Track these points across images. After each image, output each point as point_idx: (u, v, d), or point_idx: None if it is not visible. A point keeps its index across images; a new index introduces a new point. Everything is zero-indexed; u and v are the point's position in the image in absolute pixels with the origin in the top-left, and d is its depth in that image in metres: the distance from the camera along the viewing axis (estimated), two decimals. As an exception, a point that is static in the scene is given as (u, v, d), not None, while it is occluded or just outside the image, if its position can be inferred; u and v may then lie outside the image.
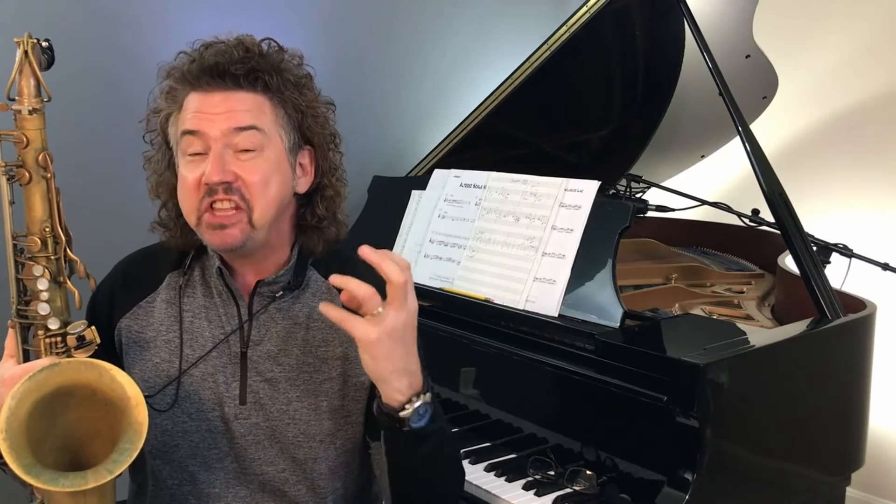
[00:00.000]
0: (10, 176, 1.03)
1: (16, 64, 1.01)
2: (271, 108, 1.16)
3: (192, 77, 1.14)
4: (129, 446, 0.96)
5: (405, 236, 2.07)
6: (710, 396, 1.42)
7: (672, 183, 2.82)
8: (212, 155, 1.11)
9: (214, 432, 1.20)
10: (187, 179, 1.13)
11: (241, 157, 1.13)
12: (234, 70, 1.13)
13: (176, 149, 1.17)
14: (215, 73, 1.13)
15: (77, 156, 1.28)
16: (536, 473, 1.60)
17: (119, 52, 2.29)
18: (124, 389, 0.99)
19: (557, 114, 2.53)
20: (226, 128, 1.12)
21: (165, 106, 1.17)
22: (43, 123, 1.04)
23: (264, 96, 1.15)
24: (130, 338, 1.24)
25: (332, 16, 2.79)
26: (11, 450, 0.93)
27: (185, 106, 1.15)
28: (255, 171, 1.13)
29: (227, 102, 1.13)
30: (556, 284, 1.69)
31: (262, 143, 1.14)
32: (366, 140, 2.89)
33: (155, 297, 1.25)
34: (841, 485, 1.82)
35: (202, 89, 1.14)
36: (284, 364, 1.21)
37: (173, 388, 1.20)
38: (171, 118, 1.17)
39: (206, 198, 1.12)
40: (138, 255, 1.32)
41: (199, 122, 1.12)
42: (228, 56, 1.14)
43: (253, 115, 1.14)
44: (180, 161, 1.16)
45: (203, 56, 1.14)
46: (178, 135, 1.15)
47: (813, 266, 1.80)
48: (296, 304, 1.24)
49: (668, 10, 2.19)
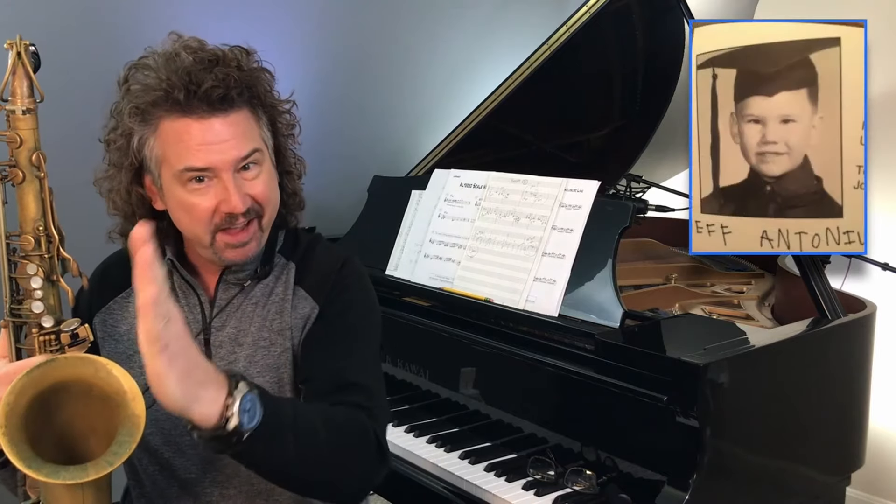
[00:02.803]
0: (4, 175, 1.04)
1: (9, 65, 1.03)
2: (255, 120, 1.17)
3: (184, 104, 1.10)
4: (127, 439, 0.97)
5: (405, 236, 2.07)
6: (710, 396, 1.42)
7: (672, 183, 2.82)
8: (230, 186, 1.12)
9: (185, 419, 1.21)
10: (199, 206, 1.13)
11: (247, 176, 1.15)
12: (231, 95, 1.12)
13: (158, 171, 1.15)
14: (216, 101, 1.11)
15: (69, 155, 1.28)
16: (536, 473, 1.60)
17: (112, 50, 2.27)
18: (120, 383, 0.99)
19: (557, 114, 2.53)
20: (234, 158, 1.13)
21: (138, 129, 1.13)
22: (36, 123, 1.05)
23: (249, 109, 1.16)
24: (105, 332, 1.27)
25: (331, 16, 2.79)
26: (11, 444, 0.93)
27: (172, 133, 1.12)
28: (261, 184, 1.17)
29: (227, 129, 1.12)
30: (556, 284, 1.69)
31: (261, 158, 1.17)
32: (366, 140, 2.89)
33: (129, 293, 1.27)
34: (841, 485, 1.82)
35: (197, 116, 1.11)
36: (244, 344, 1.23)
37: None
38: (145, 140, 1.14)
39: (227, 224, 1.14)
40: (115, 256, 1.34)
41: (207, 155, 1.11)
42: (223, 81, 1.11)
43: (251, 136, 1.15)
44: (176, 188, 1.14)
45: (190, 81, 1.10)
46: (176, 166, 1.12)
47: (813, 266, 1.80)
48: (256, 286, 1.26)
49: (668, 10, 2.19)
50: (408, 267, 2.01)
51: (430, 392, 1.90)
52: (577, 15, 2.19)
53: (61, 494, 1.01)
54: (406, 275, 2.01)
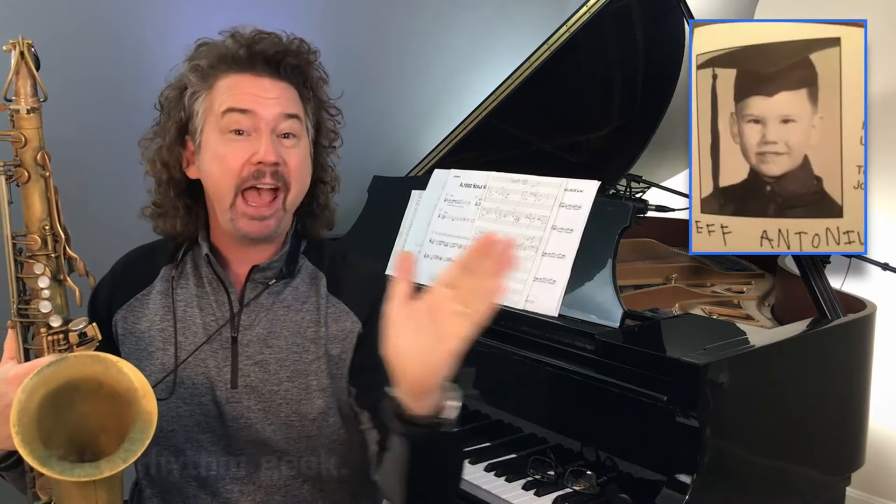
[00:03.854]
0: (9, 175, 1.04)
1: (12, 65, 1.03)
2: (303, 103, 1.23)
3: (243, 60, 1.18)
4: (140, 436, 0.98)
5: (405, 236, 2.07)
6: (710, 396, 1.42)
7: (672, 183, 2.82)
8: (264, 137, 1.16)
9: (208, 416, 1.23)
10: (228, 158, 1.16)
11: (285, 143, 1.19)
12: (287, 61, 1.19)
13: (202, 124, 1.19)
14: (272, 61, 1.18)
15: (75, 154, 1.29)
16: (536, 473, 1.60)
17: (116, 49, 2.29)
18: (131, 381, 0.99)
19: (557, 114, 2.53)
20: (278, 112, 1.18)
21: (196, 83, 1.19)
22: (40, 122, 1.06)
23: (299, 91, 1.22)
24: (126, 328, 1.27)
25: (331, 15, 2.79)
26: (24, 443, 0.93)
27: (225, 85, 1.18)
28: (296, 157, 1.20)
29: (275, 89, 1.19)
30: (556, 284, 1.69)
31: (300, 131, 1.21)
32: (366, 140, 2.89)
33: (150, 290, 1.28)
34: (841, 485, 1.82)
35: (254, 72, 1.18)
36: (274, 346, 1.24)
37: (171, 376, 1.22)
38: (198, 96, 1.19)
39: (252, 180, 1.16)
40: (137, 252, 1.36)
41: (253, 102, 1.17)
42: (282, 48, 1.19)
43: (296, 104, 1.21)
44: (215, 138, 1.18)
45: (254, 42, 1.18)
46: (219, 110, 1.17)
47: (813, 266, 1.81)
48: (286, 288, 1.27)
49: (668, 10, 2.19)
50: (408, 267, 2.01)
51: (431, 392, 1.90)
52: (577, 15, 2.19)
53: (74, 492, 1.00)
54: (406, 275, 2.00)
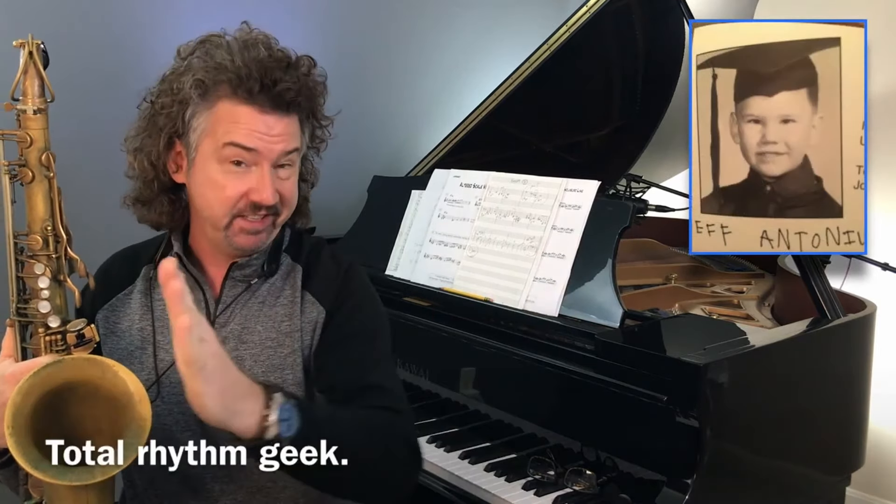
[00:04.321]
0: (13, 175, 1.05)
1: (20, 65, 1.03)
2: (302, 127, 1.22)
3: (248, 92, 1.14)
4: (133, 441, 0.98)
5: (405, 236, 2.07)
6: (710, 396, 1.42)
7: (672, 183, 2.82)
8: (266, 178, 1.15)
9: (186, 415, 1.22)
10: (228, 188, 1.16)
11: (281, 174, 1.19)
12: (298, 100, 1.17)
13: (198, 143, 1.17)
14: (279, 100, 1.15)
15: (78, 155, 1.29)
16: (536, 473, 1.60)
17: (120, 51, 2.29)
18: (127, 385, 0.99)
19: (557, 114, 2.53)
20: (281, 149, 1.16)
21: (196, 100, 1.15)
22: (46, 123, 1.06)
23: (302, 116, 1.21)
24: (107, 328, 1.28)
25: (332, 15, 2.79)
26: (18, 445, 0.94)
27: (229, 114, 1.15)
28: (290, 186, 1.21)
29: (280, 125, 1.16)
30: (556, 284, 1.69)
31: (295, 161, 1.22)
32: (366, 140, 2.89)
33: (132, 289, 1.29)
34: (841, 485, 1.82)
35: (260, 108, 1.14)
36: (249, 342, 1.24)
37: (155, 379, 1.22)
38: (199, 113, 1.16)
39: (250, 212, 1.17)
40: (121, 253, 1.36)
41: (258, 141, 1.14)
42: (296, 86, 1.16)
43: (296, 137, 1.20)
44: (212, 164, 1.16)
45: (265, 74, 1.13)
46: (221, 139, 1.15)
47: (813, 266, 1.81)
48: (263, 285, 1.27)
49: (668, 10, 2.19)
50: (408, 267, 2.01)
51: (430, 392, 1.90)
52: (577, 15, 2.19)
53: (66, 495, 1.01)
54: (406, 275, 2.01)
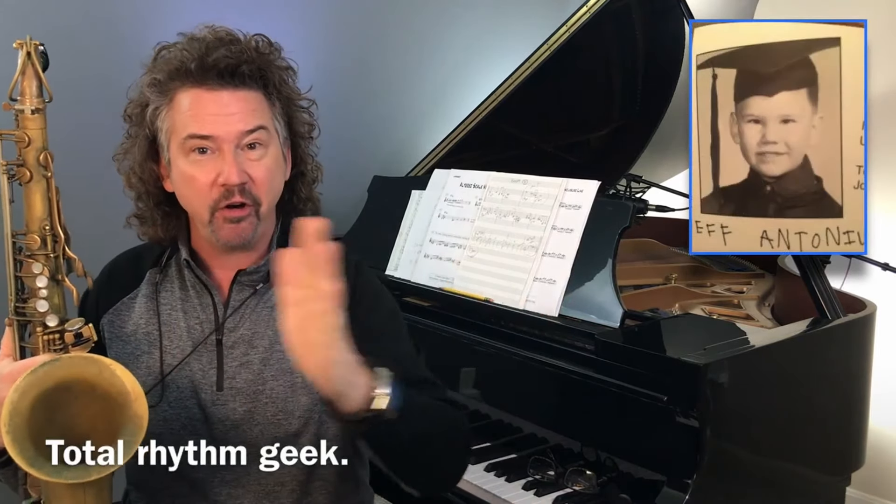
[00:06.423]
0: (11, 174, 1.05)
1: (19, 65, 1.04)
2: (268, 105, 1.20)
3: (197, 75, 1.14)
4: (130, 439, 0.98)
5: (405, 236, 2.07)
6: (710, 396, 1.42)
7: (672, 183, 2.82)
8: (228, 157, 1.14)
9: (193, 419, 1.23)
10: (198, 179, 1.15)
11: (251, 156, 1.16)
12: (242, 69, 1.15)
13: (168, 142, 1.17)
14: (225, 73, 1.14)
15: (76, 155, 1.29)
16: (536, 473, 1.60)
17: (119, 51, 2.29)
18: (124, 384, 1.00)
19: (558, 114, 2.54)
20: (240, 130, 1.15)
21: (154, 99, 1.17)
22: (44, 123, 1.06)
23: (263, 93, 1.19)
24: (113, 332, 1.27)
25: (332, 15, 2.79)
26: (15, 443, 0.94)
27: (184, 103, 1.15)
28: (262, 168, 1.17)
29: (236, 102, 1.15)
30: (556, 284, 1.69)
31: (266, 140, 1.18)
32: (366, 140, 2.89)
33: (136, 293, 1.29)
34: (841, 485, 1.82)
35: (208, 87, 1.14)
36: (258, 346, 1.24)
37: (159, 382, 1.22)
38: (160, 112, 1.17)
39: (222, 200, 1.15)
40: (123, 256, 1.35)
41: (212, 125, 1.14)
42: (235, 56, 1.15)
43: (259, 114, 1.17)
44: (180, 158, 1.16)
45: (206, 53, 1.14)
46: (181, 133, 1.15)
47: (813, 266, 1.81)
48: (270, 289, 1.26)
49: (668, 10, 2.19)
50: (408, 267, 2.01)
51: (431, 392, 1.90)
52: (577, 15, 2.19)
53: (63, 493, 1.01)
54: (406, 275, 2.01)
